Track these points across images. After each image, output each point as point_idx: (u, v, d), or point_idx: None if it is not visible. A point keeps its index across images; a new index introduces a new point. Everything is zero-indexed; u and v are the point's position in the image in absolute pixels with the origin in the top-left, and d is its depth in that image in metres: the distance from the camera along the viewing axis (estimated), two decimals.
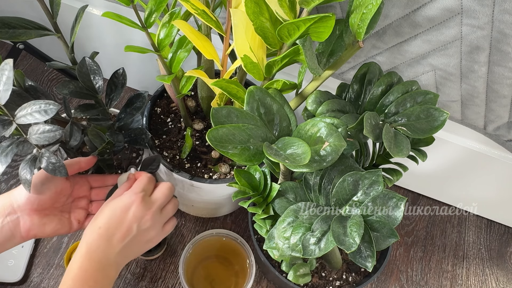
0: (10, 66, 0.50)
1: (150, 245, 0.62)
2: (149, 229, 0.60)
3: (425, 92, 0.55)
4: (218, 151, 0.46)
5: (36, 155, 0.54)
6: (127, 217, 0.58)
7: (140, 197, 0.59)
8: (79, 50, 0.94)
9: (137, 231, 0.59)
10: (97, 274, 0.55)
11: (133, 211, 0.58)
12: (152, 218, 0.60)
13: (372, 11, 0.46)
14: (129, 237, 0.58)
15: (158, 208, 0.61)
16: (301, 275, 0.70)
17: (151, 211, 0.60)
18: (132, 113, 0.67)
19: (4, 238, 0.57)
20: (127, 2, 0.54)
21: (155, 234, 0.61)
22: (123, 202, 0.59)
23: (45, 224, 0.60)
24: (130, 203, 0.59)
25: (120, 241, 0.57)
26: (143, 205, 0.59)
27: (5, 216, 0.57)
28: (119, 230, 0.58)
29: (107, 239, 0.57)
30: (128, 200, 0.59)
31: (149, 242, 0.62)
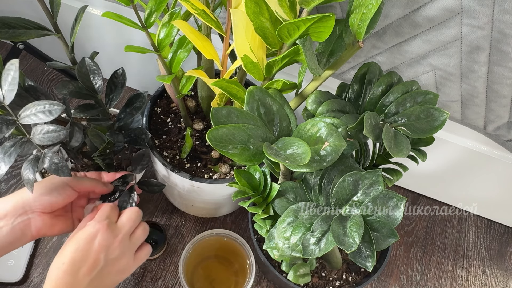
0: (16, 67, 0.50)
1: (123, 276, 0.59)
2: (119, 258, 0.57)
3: (425, 92, 0.55)
4: (218, 151, 0.46)
5: (38, 155, 0.54)
6: (93, 248, 0.55)
7: (105, 224, 0.56)
8: (79, 50, 0.94)
9: (105, 261, 0.55)
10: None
11: (98, 241, 0.55)
12: (120, 245, 0.57)
13: (372, 11, 0.46)
14: (97, 269, 0.55)
15: (126, 234, 0.58)
16: (301, 275, 0.70)
17: (118, 238, 0.57)
18: (132, 113, 0.67)
19: (15, 238, 0.57)
20: (127, 2, 0.54)
21: (126, 262, 0.58)
22: (87, 232, 0.56)
23: (55, 224, 0.61)
24: (94, 232, 0.56)
25: (86, 274, 0.54)
26: (108, 232, 0.56)
27: (16, 216, 0.57)
28: (85, 263, 0.54)
29: (72, 275, 0.53)
30: (92, 229, 0.56)
31: (122, 272, 0.58)
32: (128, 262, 0.58)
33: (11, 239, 0.57)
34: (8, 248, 0.57)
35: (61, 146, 0.62)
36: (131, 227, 0.59)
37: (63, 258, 0.54)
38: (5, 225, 0.56)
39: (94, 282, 0.54)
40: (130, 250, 0.59)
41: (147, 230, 0.62)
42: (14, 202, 0.58)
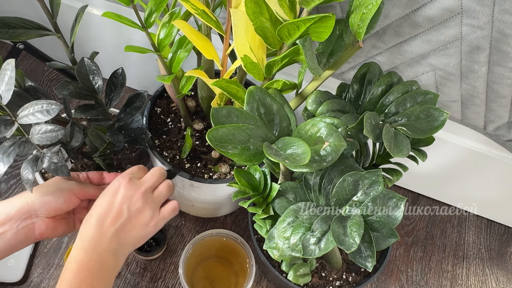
0: (12, 66, 0.50)
1: (149, 230, 0.60)
2: (141, 210, 0.59)
3: (425, 92, 0.55)
4: (218, 151, 0.46)
5: (38, 155, 0.54)
6: (116, 200, 0.58)
7: (128, 178, 0.59)
8: (79, 50, 0.94)
9: (128, 212, 0.57)
10: (92, 263, 0.54)
11: (121, 193, 0.58)
12: (143, 197, 0.59)
13: (372, 11, 0.46)
14: (121, 220, 0.57)
15: (148, 188, 0.60)
16: (301, 275, 0.70)
17: (140, 190, 0.59)
18: (132, 113, 0.67)
19: (18, 241, 0.58)
20: (127, 2, 0.54)
21: (150, 216, 0.59)
22: (111, 187, 0.59)
23: (57, 227, 0.61)
24: (117, 186, 0.59)
25: (111, 225, 0.56)
26: (130, 185, 0.59)
27: (21, 221, 0.57)
28: (110, 214, 0.57)
29: (99, 226, 0.56)
30: (115, 183, 0.59)
31: (146, 226, 0.59)
32: (152, 216, 0.60)
33: (15, 242, 0.57)
34: (11, 251, 0.58)
35: (61, 146, 0.62)
36: (154, 182, 0.61)
37: (91, 213, 0.58)
38: (10, 229, 0.57)
39: (119, 234, 0.57)
40: (154, 204, 0.60)
41: (171, 187, 0.64)
42: (20, 206, 0.58)
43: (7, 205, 0.58)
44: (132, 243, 0.59)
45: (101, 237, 0.56)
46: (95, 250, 0.55)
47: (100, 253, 0.55)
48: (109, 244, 0.56)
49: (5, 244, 0.56)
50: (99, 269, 0.54)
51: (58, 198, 0.60)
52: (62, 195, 0.60)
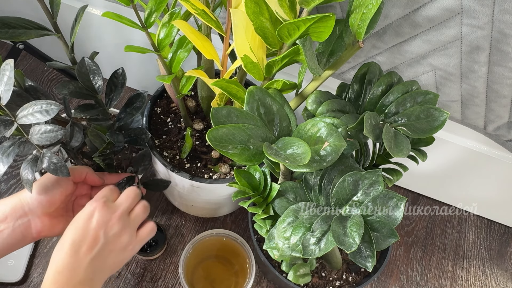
0: (11, 66, 0.50)
1: (126, 255, 0.58)
2: (119, 234, 0.56)
3: (425, 92, 0.55)
4: (218, 151, 0.46)
5: (37, 155, 0.54)
6: (91, 226, 0.55)
7: (102, 202, 0.57)
8: (79, 50, 0.94)
9: (104, 238, 0.55)
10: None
11: (96, 218, 0.55)
12: (119, 221, 0.57)
13: (372, 11, 0.46)
14: (98, 247, 0.54)
15: (124, 211, 0.58)
16: (301, 275, 0.70)
17: (116, 215, 0.57)
18: (132, 113, 0.67)
19: (15, 240, 0.57)
20: (127, 2, 0.54)
21: (127, 240, 0.57)
22: (85, 211, 0.56)
23: (55, 225, 0.60)
24: (92, 210, 0.56)
25: (87, 253, 0.53)
26: (105, 209, 0.56)
27: (16, 219, 0.57)
28: (85, 241, 0.54)
29: (74, 254, 0.53)
30: (89, 207, 0.56)
31: (124, 250, 0.57)
32: (129, 240, 0.57)
33: (12, 241, 0.57)
34: (8, 250, 0.58)
35: (61, 146, 0.62)
36: (130, 204, 0.59)
37: (64, 239, 0.54)
38: (6, 228, 0.56)
39: (95, 262, 0.54)
40: (131, 227, 0.58)
41: (147, 208, 0.61)
42: (14, 204, 0.57)
43: (2, 204, 0.57)
44: (110, 269, 0.57)
45: (76, 267, 0.52)
46: (69, 282, 0.52)
47: (76, 284, 0.52)
48: (84, 275, 0.53)
49: (2, 243, 0.56)
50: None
51: (49, 187, 0.59)
52: (52, 184, 0.59)
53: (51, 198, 0.59)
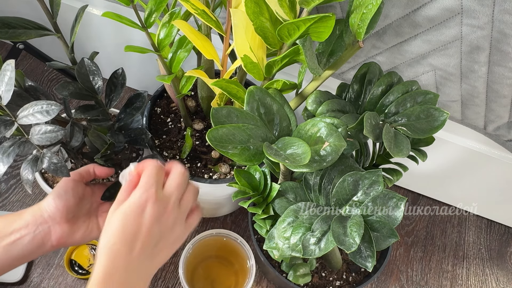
0: (12, 67, 0.50)
1: (177, 245, 0.53)
2: (173, 228, 0.51)
3: (425, 92, 0.55)
4: (218, 151, 0.46)
5: (37, 155, 0.54)
6: (144, 221, 0.49)
7: (153, 193, 0.50)
8: (79, 50, 0.94)
9: (159, 235, 0.50)
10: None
11: (149, 213, 0.49)
12: (172, 214, 0.51)
13: (372, 11, 0.46)
14: (152, 245, 0.49)
15: (175, 202, 0.52)
16: (301, 275, 0.70)
17: (169, 208, 0.51)
18: (132, 113, 0.67)
19: (35, 246, 0.57)
20: (127, 2, 0.54)
21: (180, 231, 0.53)
22: (134, 205, 0.49)
23: (75, 231, 0.60)
24: (143, 203, 0.49)
25: (142, 252, 0.48)
26: (158, 202, 0.50)
27: (37, 226, 0.57)
28: (138, 239, 0.48)
29: (126, 255, 0.47)
30: (139, 200, 0.49)
31: (176, 242, 0.53)
32: (181, 231, 0.53)
33: (32, 248, 0.57)
34: (28, 257, 0.58)
35: (61, 146, 0.62)
36: (180, 192, 0.53)
37: (111, 236, 0.48)
38: (27, 234, 0.56)
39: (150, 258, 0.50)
40: (181, 218, 0.53)
41: (197, 192, 0.57)
42: (34, 212, 0.58)
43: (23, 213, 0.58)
44: (159, 264, 0.52)
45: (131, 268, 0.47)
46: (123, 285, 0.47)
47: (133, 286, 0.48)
48: (138, 275, 0.48)
49: (22, 249, 0.56)
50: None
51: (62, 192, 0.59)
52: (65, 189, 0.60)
53: (66, 202, 0.59)
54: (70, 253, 0.81)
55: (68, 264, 0.80)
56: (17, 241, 0.56)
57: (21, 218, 0.57)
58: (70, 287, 0.80)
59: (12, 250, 0.56)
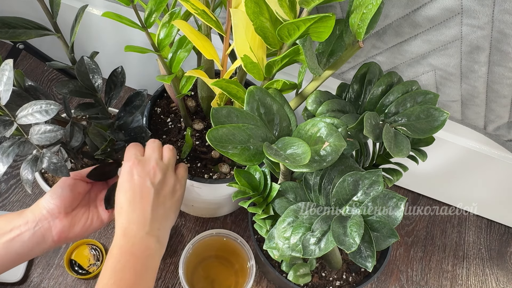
0: (10, 67, 0.50)
1: (178, 195, 0.61)
2: (164, 179, 0.60)
3: (425, 92, 0.55)
4: (218, 151, 0.46)
5: (37, 155, 0.54)
6: (135, 181, 0.57)
7: (133, 159, 0.59)
8: (79, 50, 0.94)
9: (153, 187, 0.58)
10: (135, 248, 0.54)
11: (137, 173, 0.58)
12: (158, 167, 0.59)
13: (372, 11, 0.46)
14: (151, 197, 0.57)
15: (157, 159, 0.60)
16: (301, 275, 0.70)
17: (152, 164, 0.59)
18: (131, 112, 0.67)
19: (36, 242, 0.58)
20: (127, 2, 0.54)
21: (173, 182, 0.61)
22: (124, 175, 0.58)
23: (75, 225, 0.61)
24: (129, 169, 0.58)
25: (145, 205, 0.56)
26: (141, 163, 0.58)
27: (36, 222, 0.58)
28: (137, 196, 0.57)
29: (133, 211, 0.56)
30: (126, 169, 0.58)
31: (175, 192, 0.61)
32: (174, 181, 0.61)
33: (32, 244, 0.58)
34: (29, 255, 0.58)
35: (61, 146, 0.62)
36: (158, 153, 0.61)
37: (119, 203, 0.57)
38: (27, 230, 0.57)
39: (156, 211, 0.57)
40: (169, 170, 0.61)
41: (173, 150, 0.64)
42: (33, 209, 0.59)
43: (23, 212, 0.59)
44: (171, 214, 0.60)
45: (140, 220, 0.56)
46: (136, 234, 0.55)
47: (143, 236, 0.55)
48: (150, 225, 0.56)
49: (22, 246, 0.57)
50: (143, 253, 0.54)
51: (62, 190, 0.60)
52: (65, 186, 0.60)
53: (63, 198, 0.60)
54: (70, 253, 0.81)
55: (68, 264, 0.80)
56: (16, 238, 0.56)
57: (21, 216, 0.58)
58: (70, 287, 0.80)
59: (12, 247, 0.56)
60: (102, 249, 0.82)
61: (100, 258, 0.82)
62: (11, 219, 0.58)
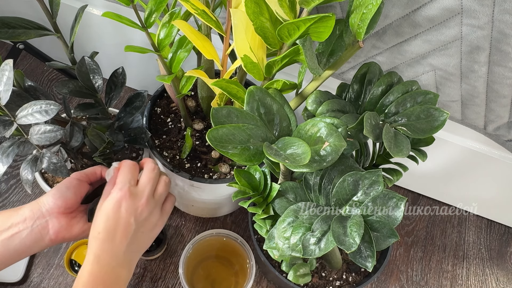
0: (10, 67, 0.50)
1: (157, 231, 0.62)
2: (149, 217, 0.59)
3: (425, 92, 0.55)
4: (218, 151, 0.46)
5: (37, 155, 0.54)
6: (121, 215, 0.57)
7: (126, 191, 0.58)
8: (79, 50, 0.94)
9: (136, 224, 0.58)
10: (107, 277, 0.54)
11: (124, 207, 0.57)
12: (147, 206, 0.59)
13: (372, 11, 0.46)
14: (131, 233, 0.57)
15: (149, 195, 0.60)
16: (301, 275, 0.70)
17: (143, 201, 0.59)
18: (131, 112, 0.67)
19: (33, 240, 0.58)
20: (127, 2, 0.54)
21: (156, 219, 0.61)
22: (112, 201, 0.57)
23: (73, 225, 0.61)
24: (119, 199, 0.57)
25: (122, 239, 0.56)
26: (132, 197, 0.58)
27: (34, 220, 0.58)
28: (118, 229, 0.56)
29: (109, 241, 0.56)
30: (116, 197, 0.57)
31: (154, 228, 0.61)
32: (157, 218, 0.61)
33: (30, 242, 0.58)
34: (27, 252, 0.58)
35: (61, 146, 0.62)
36: (152, 186, 0.61)
37: (97, 228, 0.57)
38: (25, 228, 0.57)
39: (131, 245, 0.58)
40: (157, 207, 0.61)
41: (168, 184, 0.64)
42: (32, 206, 0.59)
43: (22, 209, 0.59)
44: (143, 247, 0.60)
45: (114, 252, 0.56)
46: (109, 264, 0.55)
47: (115, 266, 0.55)
48: (123, 258, 0.56)
49: (20, 243, 0.57)
50: (114, 282, 0.55)
51: (64, 190, 0.60)
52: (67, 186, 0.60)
53: (66, 199, 0.60)
54: (70, 253, 0.81)
55: (68, 264, 0.80)
56: (15, 235, 0.57)
57: (19, 213, 0.58)
58: (70, 287, 0.80)
59: (10, 245, 0.56)
60: None
61: None
62: (9, 216, 0.58)
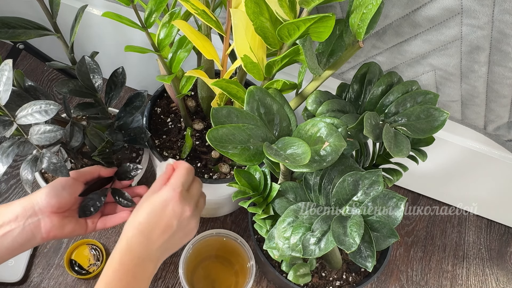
0: (10, 67, 0.50)
1: (190, 237, 0.62)
2: (189, 222, 0.60)
3: (425, 92, 0.55)
4: (218, 151, 0.46)
5: (37, 155, 0.54)
6: (166, 213, 0.57)
7: (179, 193, 0.58)
8: (79, 50, 0.94)
9: (177, 227, 0.58)
10: (136, 269, 0.55)
11: (171, 208, 0.57)
12: (191, 214, 0.60)
13: (372, 11, 0.46)
14: (170, 234, 0.58)
15: (194, 205, 0.61)
16: (301, 275, 0.70)
17: (190, 207, 0.59)
18: (131, 112, 0.67)
19: (25, 239, 0.58)
20: (127, 2, 0.54)
21: (194, 227, 0.61)
22: (162, 197, 0.58)
23: (64, 225, 0.61)
24: (169, 199, 0.58)
25: (159, 237, 0.57)
26: (181, 201, 0.58)
27: (26, 218, 0.58)
28: (159, 226, 0.57)
29: (147, 235, 0.56)
30: (167, 195, 0.58)
31: (189, 234, 0.62)
32: (195, 226, 0.62)
33: (22, 240, 0.58)
34: (18, 250, 0.58)
35: (61, 146, 0.62)
36: (198, 197, 0.63)
37: (139, 217, 0.57)
38: (17, 227, 0.57)
39: (166, 245, 0.58)
40: (198, 216, 0.62)
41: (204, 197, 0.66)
42: (24, 204, 0.59)
43: (13, 205, 0.59)
44: (174, 250, 0.61)
45: (149, 246, 0.56)
46: (141, 257, 0.56)
47: (145, 261, 0.56)
48: (155, 253, 0.57)
49: (12, 241, 0.57)
50: (142, 275, 0.56)
51: (59, 190, 0.60)
52: (62, 186, 0.60)
53: (59, 198, 0.60)
54: (70, 253, 0.81)
55: (68, 264, 0.80)
56: (7, 234, 0.57)
57: (10, 210, 0.58)
58: (70, 287, 0.80)
59: (3, 243, 0.57)
60: (102, 249, 0.82)
61: (100, 258, 0.82)
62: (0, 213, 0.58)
